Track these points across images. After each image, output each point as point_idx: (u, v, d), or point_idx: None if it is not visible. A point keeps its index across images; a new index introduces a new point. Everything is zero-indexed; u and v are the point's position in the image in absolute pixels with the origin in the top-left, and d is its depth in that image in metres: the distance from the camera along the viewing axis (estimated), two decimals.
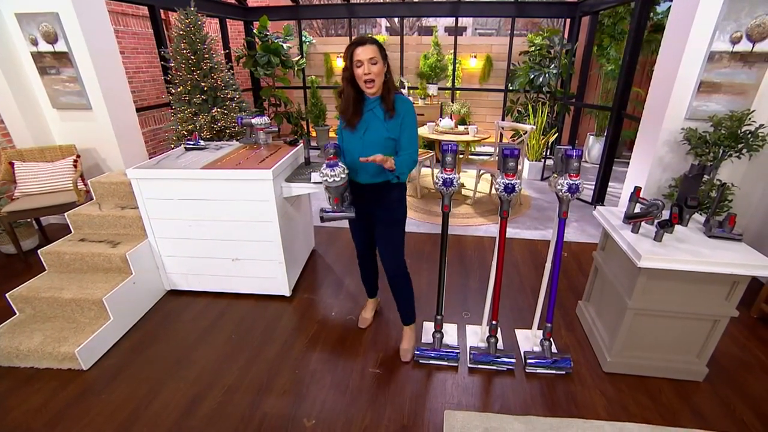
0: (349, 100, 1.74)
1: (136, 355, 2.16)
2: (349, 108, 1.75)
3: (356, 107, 1.75)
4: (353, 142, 1.80)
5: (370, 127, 1.76)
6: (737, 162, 2.71)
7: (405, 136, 1.78)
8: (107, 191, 2.71)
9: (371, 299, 2.47)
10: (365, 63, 1.63)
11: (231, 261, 2.58)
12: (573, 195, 1.82)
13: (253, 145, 2.92)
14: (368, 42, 1.64)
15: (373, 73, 1.65)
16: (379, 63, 1.66)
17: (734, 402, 1.88)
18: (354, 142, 1.80)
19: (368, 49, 1.63)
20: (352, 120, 1.77)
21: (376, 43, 1.66)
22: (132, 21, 4.35)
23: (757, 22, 2.41)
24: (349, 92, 1.74)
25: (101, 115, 3.24)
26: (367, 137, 1.76)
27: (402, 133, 1.77)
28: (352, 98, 1.74)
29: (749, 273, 1.68)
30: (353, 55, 1.65)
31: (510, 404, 1.86)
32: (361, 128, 1.77)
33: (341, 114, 1.81)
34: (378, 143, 1.75)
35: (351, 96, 1.74)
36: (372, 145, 1.75)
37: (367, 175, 1.82)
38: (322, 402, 1.87)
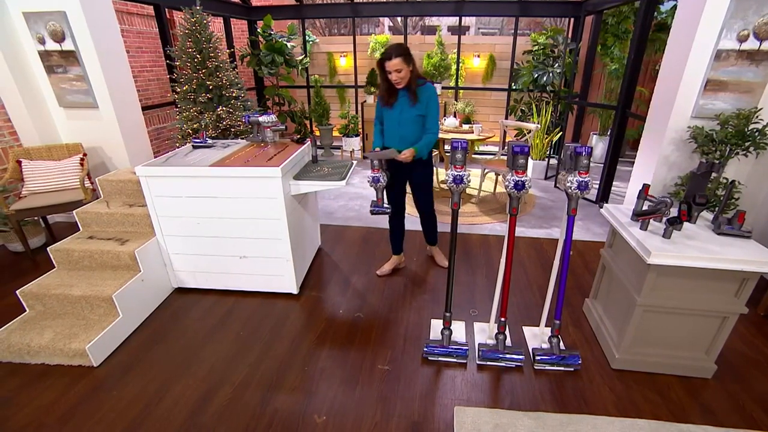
0: (384, 90, 2.40)
1: (145, 352, 2.16)
2: (385, 96, 2.41)
3: (390, 94, 2.39)
4: (392, 118, 2.45)
5: (403, 109, 2.40)
6: (743, 160, 2.72)
7: (429, 119, 2.42)
8: (115, 189, 2.72)
9: (396, 255, 2.97)
10: (393, 72, 2.24)
11: (239, 259, 2.59)
12: (582, 192, 1.83)
13: (260, 143, 2.92)
14: (393, 56, 2.20)
15: (399, 78, 2.27)
16: (403, 70, 2.24)
17: (743, 398, 1.89)
18: (393, 118, 2.45)
19: (394, 62, 2.21)
20: (389, 102, 2.41)
21: (400, 56, 2.21)
22: (137, 20, 4.36)
23: (765, 21, 2.41)
24: (385, 85, 2.38)
25: (107, 114, 3.25)
26: (402, 116, 2.41)
27: (427, 115, 2.40)
28: (386, 89, 2.39)
29: (760, 270, 1.68)
30: (384, 66, 2.25)
31: (519, 401, 1.86)
32: (397, 109, 2.41)
33: (380, 98, 2.46)
34: (410, 120, 2.41)
35: (386, 88, 2.39)
36: (406, 121, 2.41)
37: (405, 144, 2.43)
38: (332, 398, 1.88)
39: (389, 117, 2.46)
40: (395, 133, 2.46)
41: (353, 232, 3.61)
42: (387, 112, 2.45)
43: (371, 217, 3.93)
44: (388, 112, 2.45)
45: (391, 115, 2.44)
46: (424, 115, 2.40)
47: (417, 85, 2.35)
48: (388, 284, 2.79)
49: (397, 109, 2.40)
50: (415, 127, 2.42)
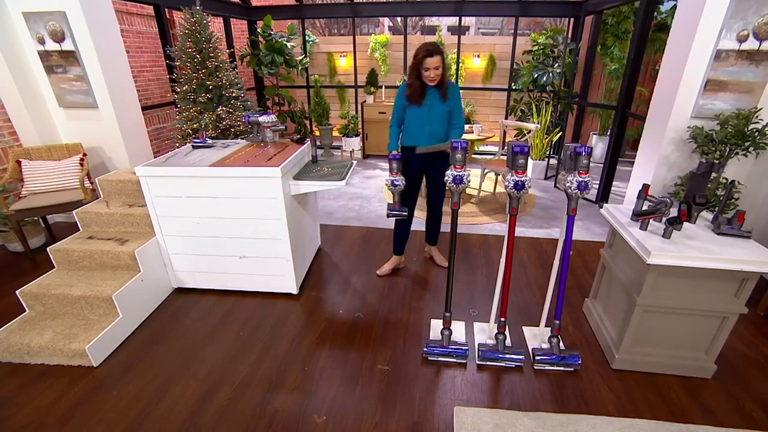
0: (415, 88, 2.40)
1: (145, 352, 2.16)
2: (415, 93, 2.40)
3: (420, 92, 2.40)
4: (421, 116, 2.45)
5: (433, 105, 2.42)
6: (743, 160, 2.72)
7: (456, 114, 2.51)
8: (114, 189, 2.72)
9: (397, 256, 2.95)
10: (431, 69, 2.27)
11: (238, 259, 2.59)
12: (582, 192, 1.83)
13: (259, 143, 2.92)
14: (435, 53, 2.25)
15: (436, 75, 2.31)
16: (440, 67, 2.29)
17: (743, 398, 1.89)
18: (421, 116, 2.45)
19: (435, 59, 2.25)
20: (418, 100, 2.41)
21: (441, 54, 2.28)
22: (137, 20, 4.36)
23: (765, 21, 2.41)
24: (416, 83, 2.38)
25: (107, 114, 3.25)
26: (432, 113, 2.44)
27: (454, 110, 2.48)
28: (418, 87, 2.39)
29: (759, 270, 1.68)
30: (424, 62, 2.27)
31: (519, 401, 1.86)
32: (426, 106, 2.42)
33: (409, 97, 2.43)
34: (439, 116, 2.46)
35: (417, 86, 2.39)
36: (435, 117, 2.45)
37: (433, 140, 2.48)
38: (332, 399, 1.88)
39: (417, 114, 2.45)
40: (424, 129, 2.47)
41: (353, 232, 3.61)
42: (415, 110, 2.45)
43: (371, 217, 3.93)
44: (415, 110, 2.45)
45: (420, 113, 2.44)
46: (450, 111, 2.47)
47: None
48: (388, 284, 2.79)
49: (426, 106, 2.42)
50: (443, 123, 2.48)
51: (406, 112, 2.50)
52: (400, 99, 2.49)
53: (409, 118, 2.50)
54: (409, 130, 2.52)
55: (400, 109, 2.52)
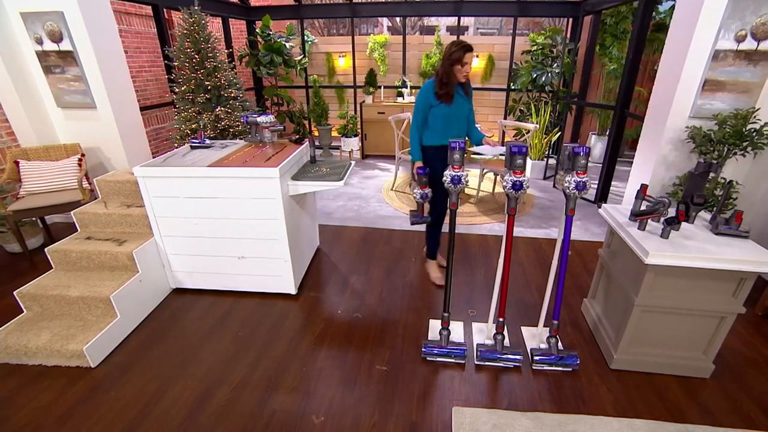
0: (450, 86, 2.36)
1: (143, 353, 2.16)
2: (450, 92, 2.37)
3: (451, 93, 2.38)
4: (449, 114, 2.44)
5: (460, 103, 2.45)
6: (741, 160, 2.72)
7: (472, 112, 2.60)
8: (113, 190, 2.71)
9: (434, 260, 2.89)
10: (469, 64, 2.30)
11: (237, 259, 2.59)
12: (580, 192, 1.83)
13: (258, 144, 2.92)
14: (472, 49, 2.29)
15: (470, 70, 2.35)
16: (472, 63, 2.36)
17: (741, 398, 1.89)
18: (450, 114, 2.44)
19: (472, 54, 2.31)
20: (450, 99, 2.39)
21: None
22: (135, 20, 4.36)
23: (762, 21, 2.42)
24: (451, 80, 2.35)
25: (105, 114, 3.24)
26: (461, 111, 2.47)
27: (471, 109, 2.58)
28: (451, 87, 2.36)
29: (757, 270, 1.68)
30: (464, 57, 2.27)
31: (518, 401, 1.86)
32: (456, 104, 2.43)
33: (441, 95, 2.38)
34: (465, 113, 2.52)
35: (450, 85, 2.36)
36: (462, 115, 2.51)
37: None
38: (330, 399, 1.88)
39: (446, 113, 2.42)
40: (453, 128, 2.46)
41: (352, 232, 3.61)
42: (444, 108, 2.40)
43: (369, 217, 3.93)
44: (444, 109, 2.40)
45: (449, 111, 2.42)
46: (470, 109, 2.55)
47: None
48: (387, 285, 2.79)
49: (456, 104, 2.42)
50: (465, 121, 2.54)
51: (432, 111, 2.44)
52: (427, 98, 2.41)
53: (436, 117, 2.44)
54: (438, 130, 2.46)
55: (425, 109, 2.44)
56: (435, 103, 2.40)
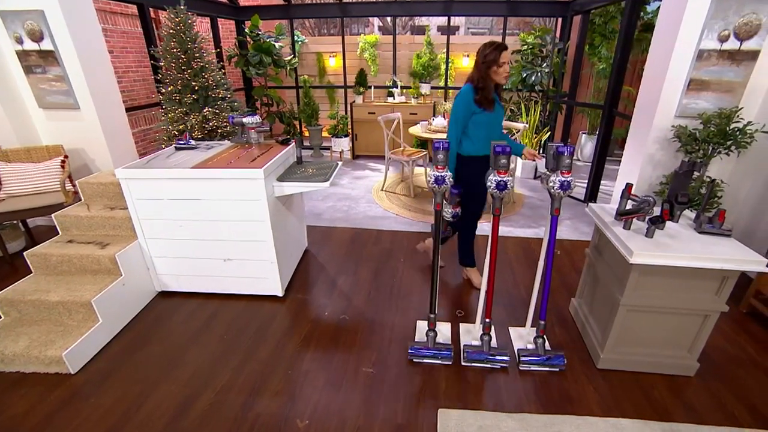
0: (489, 91, 2.23)
1: (126, 358, 2.12)
2: (489, 96, 2.24)
3: (491, 98, 2.25)
4: (491, 121, 2.30)
5: (498, 110, 2.33)
6: (726, 159, 2.74)
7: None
8: (96, 192, 2.66)
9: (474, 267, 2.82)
10: (507, 63, 2.16)
11: (223, 261, 2.56)
12: (565, 192, 1.83)
13: (244, 145, 2.89)
14: (507, 48, 2.16)
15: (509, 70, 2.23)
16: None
17: (725, 396, 1.90)
18: (491, 121, 2.30)
19: (508, 53, 2.16)
20: (491, 105, 2.26)
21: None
22: (121, 19, 4.29)
23: (744, 21, 2.43)
24: (490, 86, 2.23)
25: (89, 115, 3.19)
26: (499, 117, 2.35)
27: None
28: (492, 91, 2.24)
29: (738, 268, 1.69)
30: (500, 57, 2.14)
31: (504, 402, 1.86)
32: (496, 112, 2.31)
33: (481, 102, 2.23)
34: (501, 119, 2.39)
35: (491, 90, 2.24)
36: (500, 121, 2.38)
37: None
38: (315, 402, 1.86)
39: (488, 121, 2.28)
40: (495, 136, 2.35)
41: (341, 233, 3.59)
42: (486, 116, 2.25)
43: (359, 218, 3.91)
44: (486, 116, 2.25)
45: (491, 119, 2.28)
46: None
47: None
48: (375, 286, 2.77)
49: (496, 110, 2.30)
50: (501, 126, 2.44)
51: (473, 119, 2.26)
52: (468, 105, 2.22)
53: (478, 125, 2.27)
54: (481, 138, 2.28)
55: (467, 117, 2.26)
56: (477, 110, 2.23)
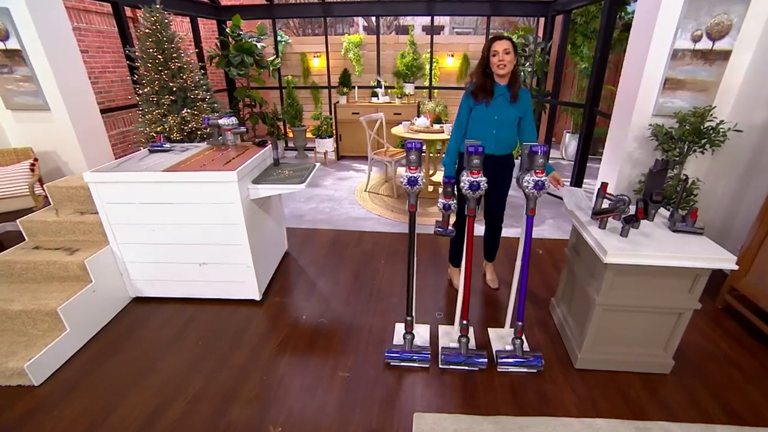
0: (480, 83, 2.18)
1: (95, 367, 2.06)
2: (482, 88, 2.17)
3: (487, 89, 2.17)
4: (487, 118, 2.22)
5: (502, 108, 2.19)
6: (701, 157, 2.77)
7: (530, 125, 2.27)
8: (65, 196, 2.59)
9: (458, 267, 2.72)
10: (500, 53, 2.07)
11: (198, 266, 2.50)
12: (539, 192, 1.82)
13: (220, 146, 2.84)
14: (504, 38, 2.09)
15: (506, 61, 2.07)
16: (511, 54, 2.08)
17: (699, 393, 1.91)
18: (488, 118, 2.21)
19: (504, 42, 2.07)
20: (486, 98, 2.18)
21: (510, 40, 2.09)
22: (96, 18, 4.19)
23: (716, 21, 2.46)
24: (481, 76, 2.17)
25: (61, 117, 3.10)
26: (501, 116, 2.20)
27: (527, 119, 2.25)
28: (482, 82, 2.17)
29: (709, 266, 1.70)
30: (491, 47, 2.09)
31: (481, 404, 1.84)
32: (495, 108, 2.19)
33: (475, 93, 2.20)
34: (510, 121, 2.22)
35: (482, 80, 2.17)
36: (505, 122, 2.22)
37: (501, 148, 2.27)
38: (289, 408, 1.82)
39: (483, 116, 2.21)
40: (490, 134, 2.22)
41: (322, 235, 3.55)
42: (481, 110, 2.20)
43: (341, 220, 3.88)
44: (482, 111, 2.20)
45: (487, 114, 2.20)
46: (522, 117, 2.24)
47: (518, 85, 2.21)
48: (355, 288, 2.74)
49: (495, 108, 2.19)
50: (513, 129, 2.24)
51: (472, 115, 2.25)
52: (466, 99, 2.23)
53: (475, 120, 2.25)
54: (475, 134, 2.24)
55: (465, 112, 2.25)
56: (474, 104, 2.22)
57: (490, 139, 2.23)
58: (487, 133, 2.23)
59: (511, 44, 2.08)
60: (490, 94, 2.18)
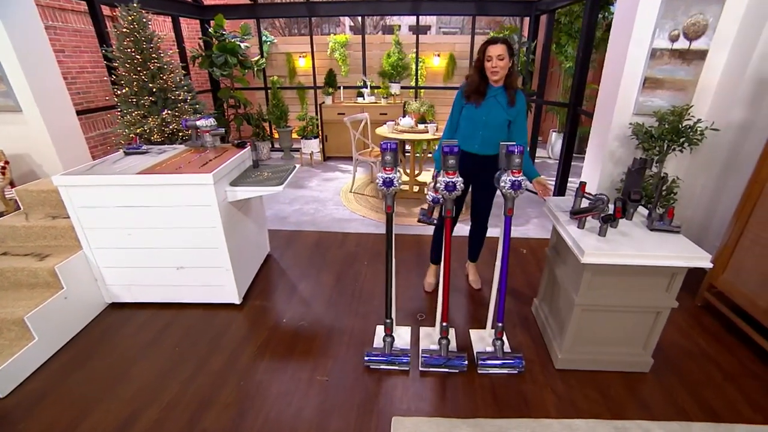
0: (474, 85, 2.16)
1: (65, 377, 1.99)
2: (475, 89, 2.16)
3: (479, 91, 2.16)
4: (476, 118, 2.20)
5: (492, 111, 2.17)
6: (681, 156, 2.79)
7: (520, 128, 2.23)
8: (36, 200, 2.52)
9: (436, 265, 2.74)
10: (494, 58, 2.04)
11: (176, 270, 2.45)
12: (516, 192, 1.81)
13: (198, 148, 2.79)
14: (499, 42, 2.04)
15: (499, 67, 2.05)
16: (505, 59, 2.05)
17: (677, 390, 1.91)
18: (477, 118, 2.20)
19: (498, 47, 2.03)
20: (477, 100, 2.17)
21: (506, 43, 2.05)
22: (72, 17, 4.09)
23: (692, 21, 2.48)
24: (475, 79, 2.16)
25: (34, 118, 3.01)
26: (490, 117, 2.18)
27: (517, 123, 2.21)
28: (476, 83, 2.15)
29: (685, 264, 1.70)
30: (486, 51, 2.07)
31: (460, 407, 1.82)
32: (485, 109, 2.17)
33: (468, 94, 2.19)
34: (499, 123, 2.19)
35: (476, 82, 2.15)
36: (493, 124, 2.19)
37: (486, 148, 2.24)
38: (266, 414, 1.78)
39: (472, 116, 2.21)
40: (476, 134, 2.22)
41: (305, 236, 3.51)
42: (471, 109, 2.20)
43: (326, 221, 3.84)
44: (472, 111, 2.20)
45: (476, 115, 2.19)
46: (512, 121, 2.21)
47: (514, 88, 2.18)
48: (337, 290, 2.71)
49: (485, 108, 2.17)
50: (501, 131, 2.20)
51: (462, 113, 2.26)
52: (459, 98, 2.25)
53: (464, 119, 2.26)
54: (462, 133, 2.27)
55: (457, 111, 2.28)
56: (463, 103, 2.23)
57: (476, 139, 2.23)
58: (473, 132, 2.23)
59: (506, 48, 2.05)
60: (481, 96, 2.17)
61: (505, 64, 2.06)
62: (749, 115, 2.54)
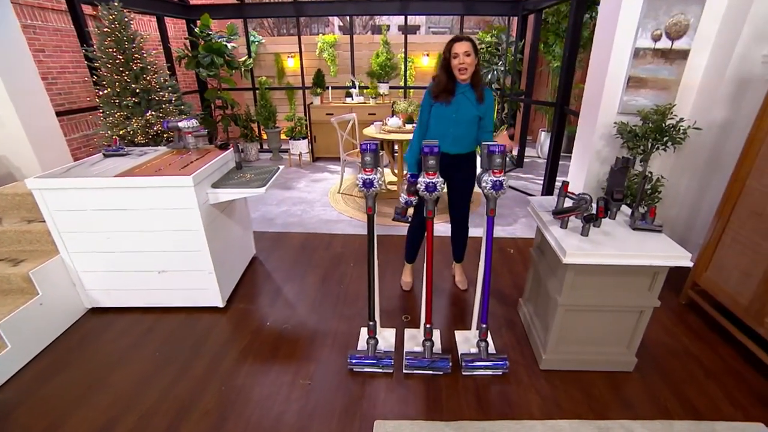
0: (441, 84, 2.17)
1: (39, 385, 1.94)
2: (443, 87, 2.17)
3: (447, 89, 2.17)
4: (446, 116, 2.21)
5: (462, 107, 2.19)
6: (665, 154, 2.80)
7: (489, 121, 2.26)
8: (11, 204, 2.45)
9: (411, 264, 2.76)
10: (460, 55, 2.05)
11: (157, 273, 2.41)
12: (497, 192, 1.79)
13: (181, 150, 2.74)
14: (464, 39, 2.07)
15: (467, 63, 2.06)
16: (471, 56, 2.07)
17: (660, 389, 1.92)
18: (447, 116, 2.21)
19: (464, 44, 2.05)
20: (446, 98, 2.18)
21: (470, 41, 2.08)
22: (52, 16, 4.00)
23: (674, 21, 2.49)
24: (443, 78, 2.16)
25: (10, 120, 2.93)
26: (460, 115, 2.20)
27: (486, 117, 2.24)
28: (444, 82, 2.16)
29: (665, 264, 1.70)
30: (452, 49, 2.08)
31: (444, 409, 1.80)
32: (454, 107, 2.19)
33: (433, 92, 2.21)
34: (468, 120, 2.21)
35: (444, 81, 2.16)
36: (464, 120, 2.21)
37: (457, 147, 2.27)
38: (246, 420, 1.75)
39: (442, 114, 2.21)
40: (448, 132, 2.22)
41: (292, 238, 3.47)
42: (441, 108, 2.20)
43: (313, 222, 3.81)
44: (442, 110, 2.20)
45: (446, 113, 2.20)
46: (481, 117, 2.23)
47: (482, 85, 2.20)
48: (321, 292, 2.68)
49: (454, 106, 2.18)
50: (471, 128, 2.23)
51: (432, 113, 2.26)
52: (427, 99, 2.25)
53: (433, 117, 2.25)
54: (432, 133, 2.27)
55: (426, 111, 2.27)
56: (433, 102, 2.24)
57: (447, 137, 2.22)
58: (444, 131, 2.23)
59: (471, 45, 2.07)
60: (450, 94, 2.18)
61: (472, 60, 2.08)
62: (730, 114, 2.56)
